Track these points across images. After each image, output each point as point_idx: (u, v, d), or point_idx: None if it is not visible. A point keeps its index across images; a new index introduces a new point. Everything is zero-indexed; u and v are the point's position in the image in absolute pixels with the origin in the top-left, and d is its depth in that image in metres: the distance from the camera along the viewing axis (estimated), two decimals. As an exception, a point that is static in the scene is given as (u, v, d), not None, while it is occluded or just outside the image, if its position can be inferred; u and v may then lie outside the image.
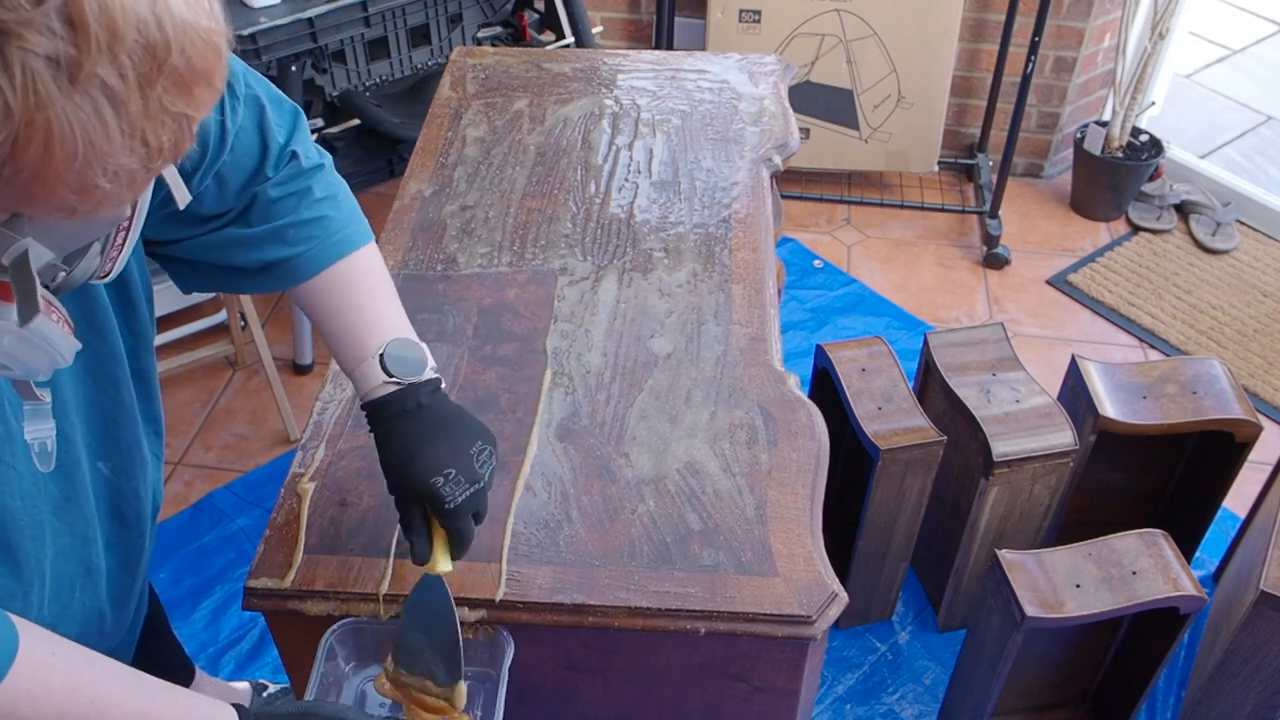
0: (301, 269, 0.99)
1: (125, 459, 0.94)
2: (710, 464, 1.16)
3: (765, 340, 1.31)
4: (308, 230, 0.99)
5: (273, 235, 0.97)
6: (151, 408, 0.99)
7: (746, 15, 2.82)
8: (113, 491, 0.94)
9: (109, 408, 0.90)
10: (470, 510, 0.97)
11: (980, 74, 2.99)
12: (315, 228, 0.99)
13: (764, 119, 1.72)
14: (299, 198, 0.99)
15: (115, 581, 0.98)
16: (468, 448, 0.97)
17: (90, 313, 0.85)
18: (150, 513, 1.02)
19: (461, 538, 0.98)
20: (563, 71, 1.83)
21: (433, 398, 0.98)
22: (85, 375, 0.86)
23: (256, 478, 2.26)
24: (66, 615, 0.90)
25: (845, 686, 1.88)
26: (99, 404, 0.89)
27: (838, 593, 1.04)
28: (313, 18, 2.10)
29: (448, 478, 0.95)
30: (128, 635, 1.08)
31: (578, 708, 1.15)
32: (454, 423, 0.98)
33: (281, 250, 0.98)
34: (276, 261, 0.98)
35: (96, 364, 0.87)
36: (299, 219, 0.98)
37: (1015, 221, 3.00)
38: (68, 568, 0.88)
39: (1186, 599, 1.49)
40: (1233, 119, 3.60)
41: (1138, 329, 2.66)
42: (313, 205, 0.99)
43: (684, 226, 1.50)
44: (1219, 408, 1.75)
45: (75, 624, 0.92)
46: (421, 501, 0.97)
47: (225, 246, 0.97)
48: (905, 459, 1.67)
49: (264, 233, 0.97)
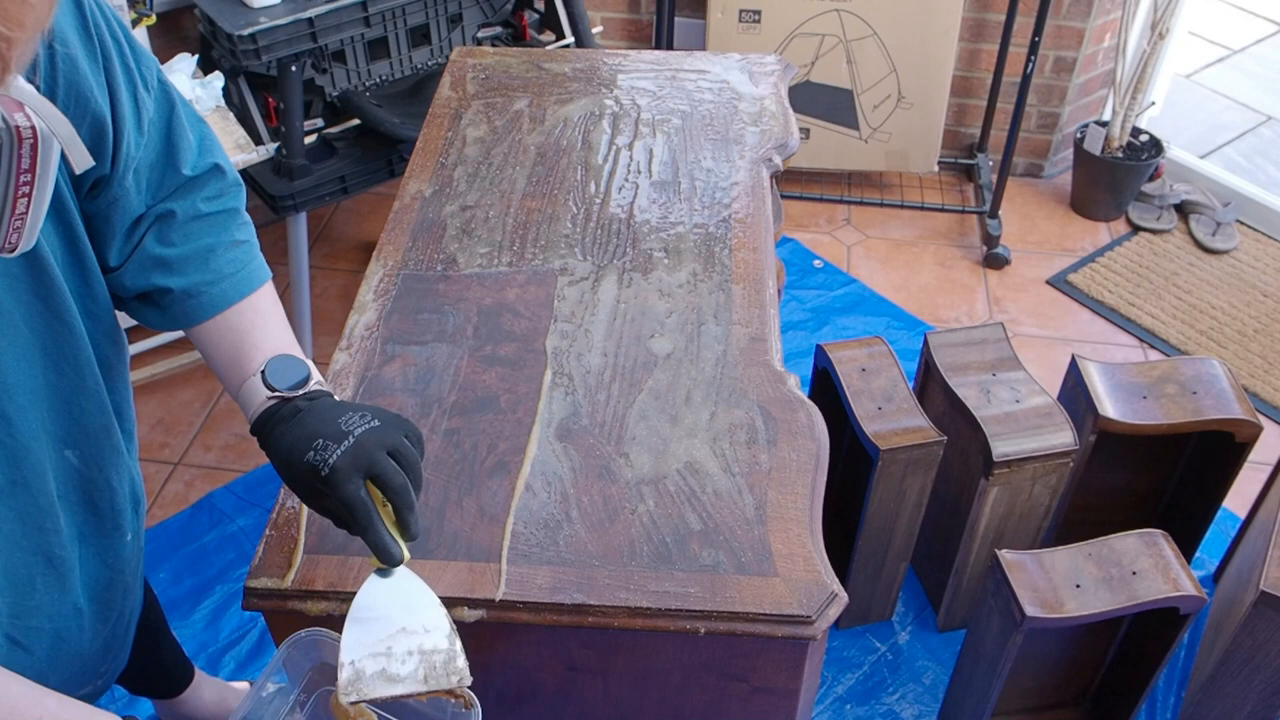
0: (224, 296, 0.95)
1: (94, 447, 0.92)
2: (710, 464, 1.16)
3: (765, 340, 1.31)
4: (234, 254, 0.96)
5: (198, 257, 0.94)
6: (119, 401, 0.96)
7: (746, 15, 2.82)
8: (83, 481, 0.92)
9: (72, 393, 0.88)
10: (356, 473, 0.86)
11: (980, 74, 2.99)
12: (241, 252, 0.97)
13: (764, 119, 1.72)
14: (224, 218, 0.96)
15: (92, 575, 0.96)
16: (337, 419, 0.89)
17: (46, 293, 0.82)
18: (129, 505, 1.00)
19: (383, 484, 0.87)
20: (563, 71, 1.84)
21: (312, 402, 0.93)
22: (44, 358, 0.84)
23: (256, 478, 2.26)
24: (29, 608, 0.88)
25: (845, 686, 1.88)
26: (60, 389, 0.86)
27: (837, 593, 1.04)
28: (313, 18, 2.10)
29: (316, 448, 0.87)
30: (120, 634, 1.07)
31: (578, 708, 1.15)
32: (330, 410, 0.91)
33: (204, 274, 0.94)
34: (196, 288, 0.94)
35: (55, 346, 0.85)
36: (225, 239, 0.96)
37: (1015, 221, 3.00)
38: (21, 557, 0.86)
39: (1186, 599, 1.49)
40: (1233, 119, 3.60)
41: (1138, 329, 2.66)
42: (242, 228, 0.98)
43: (684, 226, 1.50)
44: (1219, 408, 1.75)
45: (44, 617, 0.90)
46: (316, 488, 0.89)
47: (146, 267, 0.93)
48: (905, 459, 1.67)
49: (188, 253, 0.94)
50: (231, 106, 2.15)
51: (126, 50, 0.85)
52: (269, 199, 2.25)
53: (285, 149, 2.19)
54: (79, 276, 0.87)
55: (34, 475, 0.85)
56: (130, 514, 1.01)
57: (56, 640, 0.94)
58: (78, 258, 0.87)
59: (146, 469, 2.26)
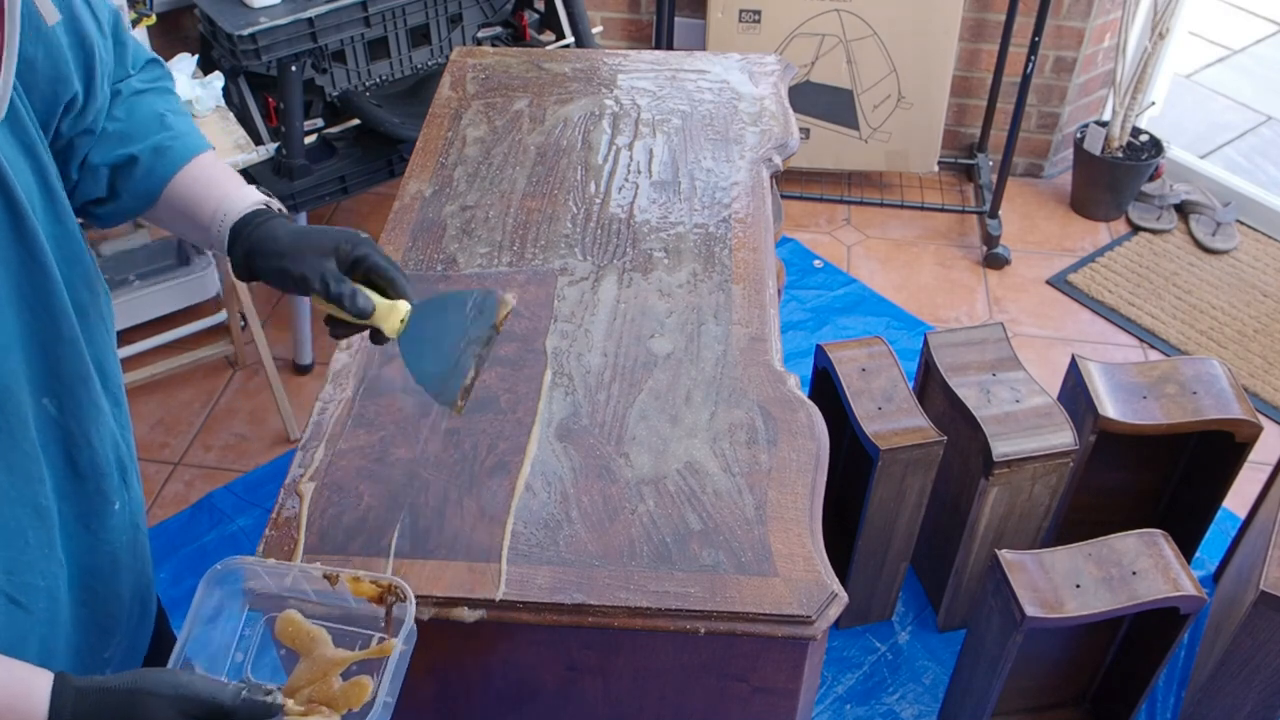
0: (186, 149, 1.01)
1: (71, 399, 0.91)
2: (710, 464, 1.16)
3: (765, 340, 1.31)
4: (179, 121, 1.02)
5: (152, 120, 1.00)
6: (99, 355, 0.96)
7: (746, 15, 2.82)
8: (62, 433, 0.91)
9: (48, 339, 0.87)
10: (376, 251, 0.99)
11: (980, 74, 3.00)
12: (182, 121, 1.03)
13: (764, 119, 1.72)
14: (164, 93, 1.02)
15: (71, 536, 0.94)
16: None
17: (19, 228, 0.82)
18: (114, 471, 0.97)
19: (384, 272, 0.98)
20: (563, 71, 1.84)
21: None
22: (19, 300, 0.84)
23: (256, 478, 2.26)
24: (24, 563, 0.87)
25: (845, 686, 1.88)
26: (36, 333, 0.86)
27: (837, 593, 1.04)
28: (313, 18, 2.10)
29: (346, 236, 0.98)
30: (115, 616, 1.03)
31: (578, 708, 1.15)
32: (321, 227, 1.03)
33: (160, 134, 0.99)
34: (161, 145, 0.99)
35: (31, 289, 0.84)
36: (171, 108, 1.02)
37: (1015, 221, 3.00)
38: (10, 509, 0.85)
39: (1186, 599, 1.49)
40: (1233, 119, 3.60)
41: (1138, 329, 2.66)
42: (176, 100, 1.04)
43: (684, 226, 1.50)
44: (1219, 408, 1.75)
45: (38, 574, 0.89)
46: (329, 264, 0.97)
47: (108, 143, 0.98)
48: (905, 459, 1.67)
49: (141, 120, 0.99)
50: (231, 106, 2.15)
51: None
52: (269, 199, 2.25)
53: (285, 149, 2.19)
54: (53, 218, 0.87)
55: (17, 422, 0.84)
56: (116, 480, 0.98)
57: (51, 600, 0.92)
58: (50, 199, 0.87)
59: (146, 469, 2.26)
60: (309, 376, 2.51)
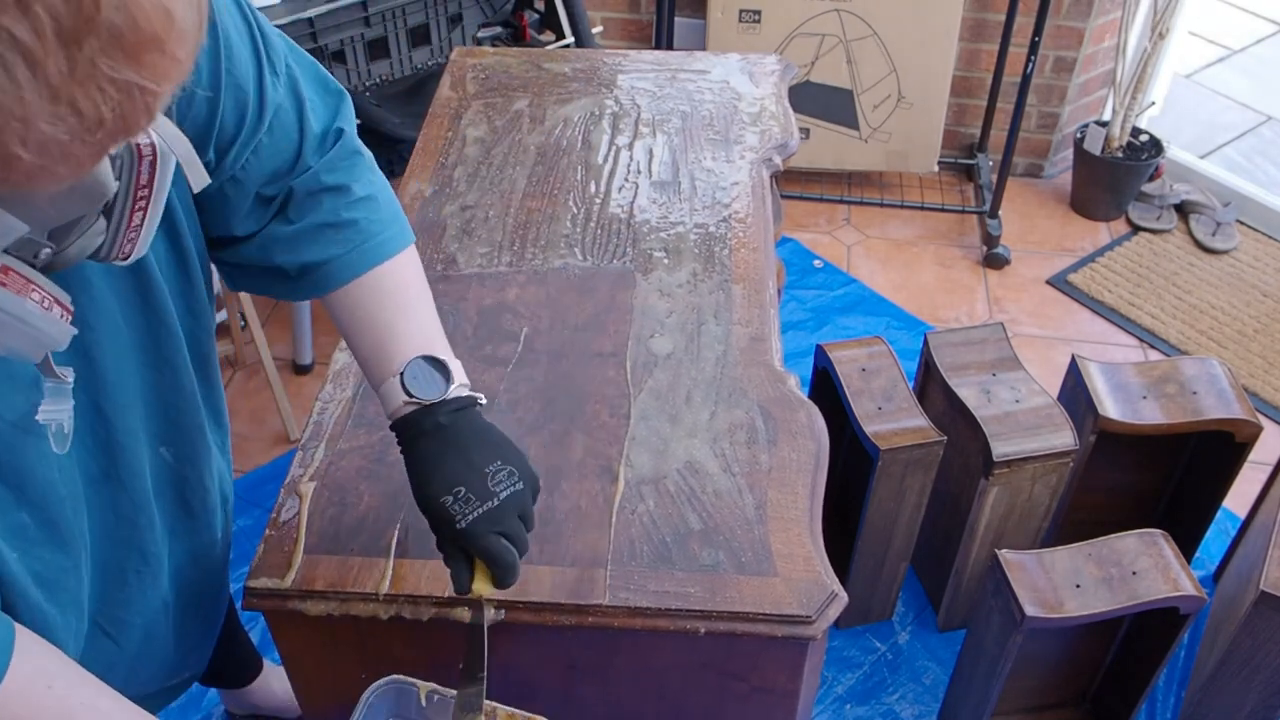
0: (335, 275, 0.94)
1: (189, 446, 0.93)
2: (710, 464, 1.16)
3: (765, 340, 1.31)
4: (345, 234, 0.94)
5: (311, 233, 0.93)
6: (213, 396, 0.97)
7: (746, 15, 2.82)
8: (177, 479, 0.93)
9: (168, 392, 0.88)
10: (489, 530, 0.90)
11: (980, 74, 2.99)
12: (351, 231, 0.94)
13: (764, 119, 1.72)
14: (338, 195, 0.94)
15: (183, 574, 0.96)
16: (483, 465, 0.91)
17: (146, 293, 0.83)
18: (220, 504, 1.01)
19: (492, 558, 0.91)
20: (563, 71, 1.83)
21: (455, 417, 0.92)
22: (143, 356, 0.85)
23: (256, 478, 2.25)
24: (120, 599, 0.89)
25: (845, 686, 1.88)
26: (158, 388, 0.87)
27: (837, 593, 1.04)
28: (313, 18, 2.10)
29: (457, 496, 0.89)
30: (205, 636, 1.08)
31: (578, 708, 1.15)
32: (474, 441, 0.92)
33: (317, 252, 0.93)
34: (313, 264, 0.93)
35: (154, 346, 0.85)
36: (337, 219, 0.93)
37: (1015, 221, 3.00)
38: (113, 549, 0.87)
39: (1186, 599, 1.49)
40: (1233, 119, 3.60)
41: (1138, 329, 2.66)
42: (351, 206, 0.94)
43: (684, 226, 1.50)
44: (1219, 408, 1.75)
45: (134, 611, 0.91)
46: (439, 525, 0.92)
47: (267, 244, 0.93)
48: (905, 459, 1.67)
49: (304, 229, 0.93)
50: (231, 106, 2.15)
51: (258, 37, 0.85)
52: (269, 199, 2.25)
53: (285, 149, 2.19)
54: (182, 275, 0.88)
55: (128, 472, 0.86)
56: (220, 514, 1.02)
57: (145, 636, 0.96)
58: (180, 256, 0.87)
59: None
60: (309, 376, 2.50)
